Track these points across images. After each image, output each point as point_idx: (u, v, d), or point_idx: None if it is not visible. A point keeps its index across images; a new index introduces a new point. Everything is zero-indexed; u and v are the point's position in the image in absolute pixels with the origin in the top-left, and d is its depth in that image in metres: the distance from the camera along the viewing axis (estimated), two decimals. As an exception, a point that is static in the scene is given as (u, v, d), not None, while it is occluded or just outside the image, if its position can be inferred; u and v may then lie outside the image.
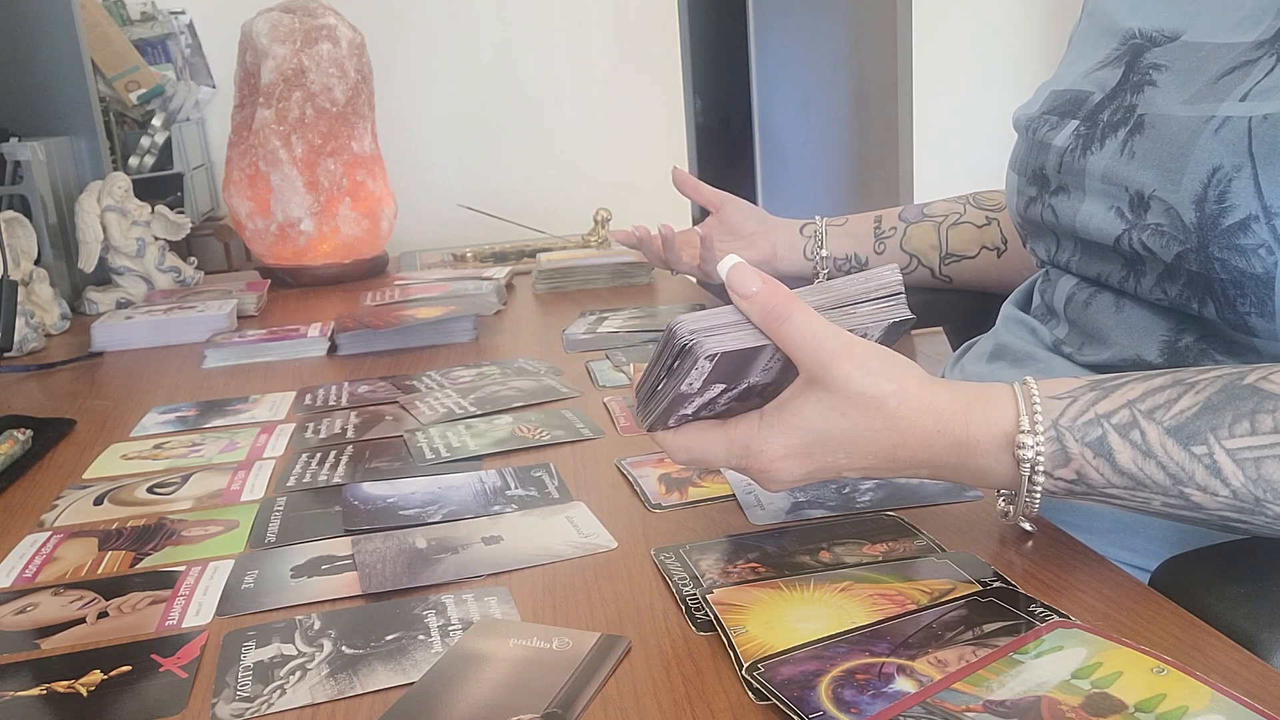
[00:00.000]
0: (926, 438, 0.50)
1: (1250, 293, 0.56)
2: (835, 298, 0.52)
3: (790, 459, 0.51)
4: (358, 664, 0.48)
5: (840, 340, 0.50)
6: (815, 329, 0.49)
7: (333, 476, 0.72)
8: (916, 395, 0.50)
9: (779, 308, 0.49)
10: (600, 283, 1.34)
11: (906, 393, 0.50)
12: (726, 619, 0.49)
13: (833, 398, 0.50)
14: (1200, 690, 0.41)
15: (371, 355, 1.06)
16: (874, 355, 0.50)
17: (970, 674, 0.43)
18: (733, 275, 0.50)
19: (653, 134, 2.85)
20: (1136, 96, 0.64)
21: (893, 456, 0.51)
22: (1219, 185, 0.56)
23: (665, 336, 0.49)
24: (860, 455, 0.51)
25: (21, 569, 0.61)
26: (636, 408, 0.55)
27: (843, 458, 0.51)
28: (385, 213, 1.52)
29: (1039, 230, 0.75)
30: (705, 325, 0.49)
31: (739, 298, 0.50)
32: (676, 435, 0.54)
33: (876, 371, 0.50)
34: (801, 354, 0.49)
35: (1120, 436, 0.49)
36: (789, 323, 0.49)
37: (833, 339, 0.49)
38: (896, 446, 0.51)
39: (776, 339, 0.49)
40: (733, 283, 0.50)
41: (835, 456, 0.51)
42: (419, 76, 2.67)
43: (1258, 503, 0.47)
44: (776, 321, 0.49)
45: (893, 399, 0.50)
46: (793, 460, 0.51)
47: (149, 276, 1.36)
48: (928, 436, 0.50)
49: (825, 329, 0.49)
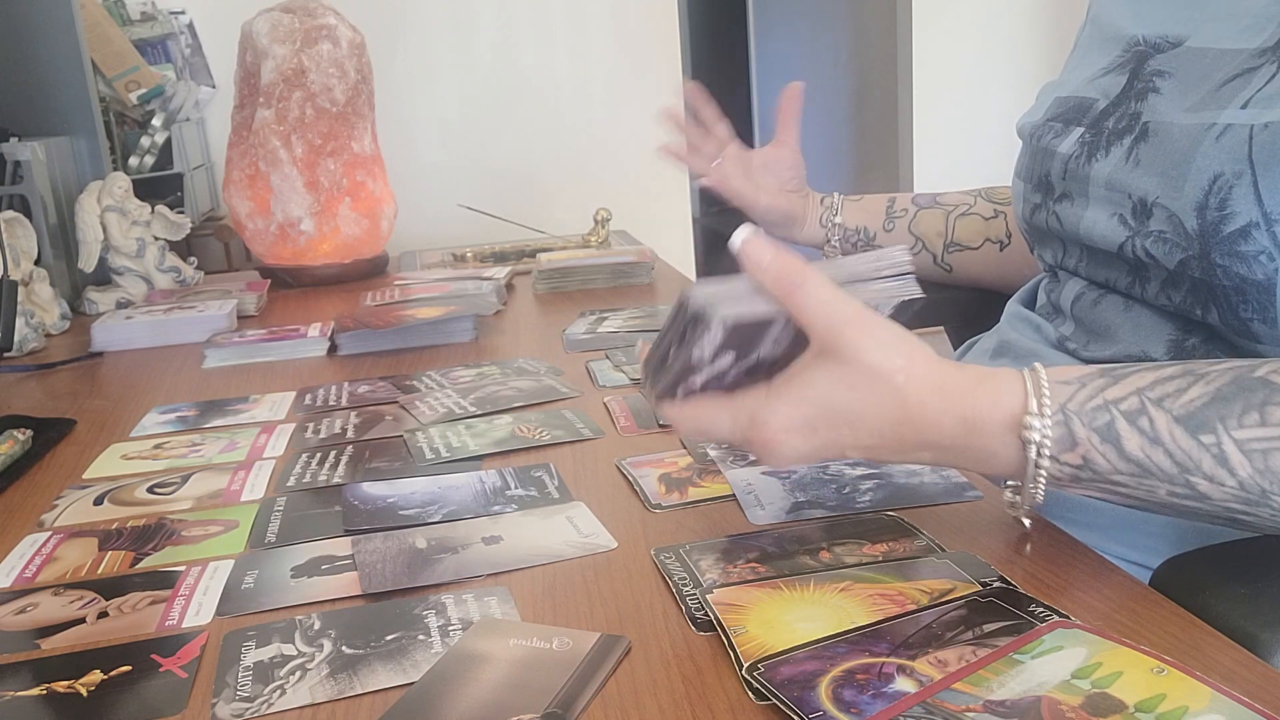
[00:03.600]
0: (933, 416, 0.50)
1: (1252, 299, 0.56)
2: (847, 273, 0.52)
3: (794, 432, 0.51)
4: (358, 664, 0.48)
5: (853, 309, 0.49)
6: (828, 297, 0.49)
7: (333, 476, 0.72)
8: (924, 373, 0.50)
9: (793, 274, 0.49)
10: (600, 283, 1.33)
11: (915, 369, 0.50)
12: (726, 619, 0.49)
13: (842, 369, 0.49)
14: (1200, 690, 0.41)
15: (371, 355, 1.06)
16: (886, 328, 0.50)
17: (970, 674, 0.43)
18: (746, 247, 0.50)
19: (653, 134, 2.85)
20: (1140, 104, 0.64)
21: (898, 435, 0.51)
22: (1220, 192, 0.56)
23: (677, 305, 0.49)
24: (865, 432, 0.51)
25: (21, 569, 0.61)
26: (644, 380, 0.55)
27: (847, 434, 0.51)
28: (385, 213, 1.52)
29: (1045, 236, 0.75)
30: (719, 294, 0.49)
31: (753, 267, 0.50)
32: (682, 407, 0.54)
33: (887, 345, 0.50)
34: (814, 320, 0.49)
35: (1128, 423, 0.49)
36: (802, 289, 0.49)
37: (846, 307, 0.49)
38: (901, 424, 0.50)
39: (790, 306, 0.49)
40: (747, 254, 0.50)
41: (840, 432, 0.51)
42: (419, 76, 2.67)
43: (1264, 494, 0.47)
44: (790, 288, 0.49)
45: (901, 374, 0.49)
46: (796, 434, 0.51)
47: (149, 276, 1.36)
48: (934, 415, 0.50)
49: (839, 297, 0.50)
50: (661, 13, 2.79)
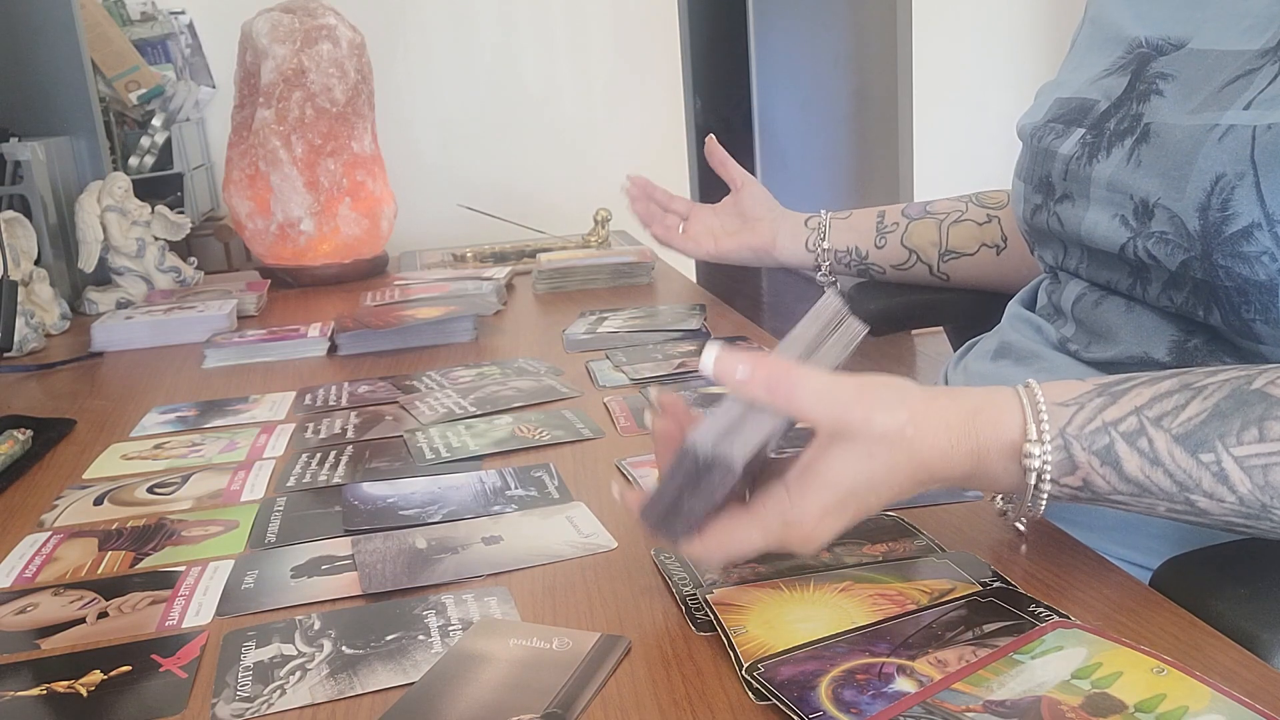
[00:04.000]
0: (944, 454, 0.50)
1: (1255, 300, 0.56)
2: (804, 346, 0.52)
3: (829, 516, 0.50)
4: (358, 664, 0.48)
5: (848, 388, 0.49)
6: (823, 389, 0.49)
7: (333, 476, 0.72)
8: (926, 415, 0.50)
9: (782, 382, 0.48)
10: (600, 283, 1.33)
11: (917, 414, 0.50)
12: (726, 619, 0.49)
13: (858, 446, 0.49)
14: (1200, 690, 0.41)
15: (371, 355, 1.06)
16: (879, 388, 0.50)
17: (970, 674, 0.43)
18: (717, 371, 0.49)
19: (653, 134, 2.85)
20: (1143, 105, 0.64)
21: (915, 481, 0.50)
22: (1222, 193, 0.56)
23: (682, 455, 0.48)
24: (887, 491, 0.50)
25: (21, 569, 0.61)
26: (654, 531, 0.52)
27: (873, 499, 0.50)
28: (385, 213, 1.52)
29: (1046, 238, 0.75)
30: (721, 430, 0.48)
31: (735, 385, 0.49)
32: (705, 540, 0.51)
33: (889, 404, 0.49)
34: (819, 416, 0.49)
35: (1128, 445, 0.49)
36: (798, 390, 0.48)
37: (841, 390, 0.49)
38: (919, 470, 0.50)
39: (791, 411, 0.49)
40: (721, 375, 0.49)
41: (866, 501, 0.50)
42: (419, 76, 2.67)
43: (1264, 509, 0.47)
44: (786, 395, 0.48)
45: (910, 427, 0.49)
46: (830, 518, 0.50)
47: (149, 276, 1.36)
48: (944, 452, 0.50)
49: (831, 384, 0.49)
50: (661, 13, 2.79)
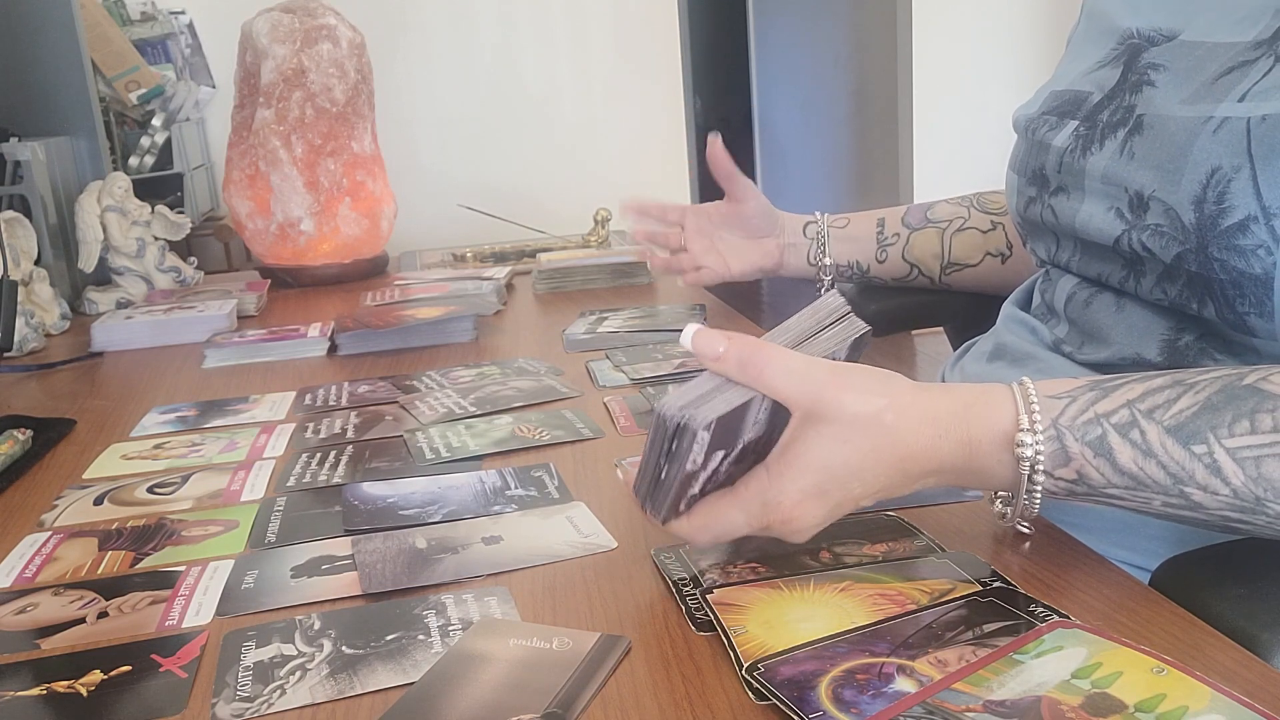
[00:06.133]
0: (929, 445, 0.50)
1: (1249, 293, 0.56)
2: (794, 334, 0.53)
3: (807, 501, 0.50)
4: (358, 664, 0.48)
5: (823, 369, 0.50)
6: (796, 367, 0.49)
7: (333, 476, 0.72)
8: (910, 405, 0.50)
9: (754, 358, 0.49)
10: (600, 283, 1.34)
11: (900, 403, 0.50)
12: (726, 619, 0.49)
13: (832, 427, 0.49)
14: (1200, 690, 0.41)
15: (371, 355, 1.06)
16: (859, 374, 0.50)
17: (970, 674, 0.43)
18: (697, 344, 0.50)
19: (653, 134, 2.85)
20: (1135, 96, 0.64)
21: (903, 471, 0.51)
22: (1218, 186, 0.56)
23: (655, 424, 0.49)
24: (872, 479, 0.50)
25: (21, 569, 0.61)
26: (642, 505, 0.54)
27: (857, 487, 0.50)
28: (385, 213, 1.52)
29: (1039, 230, 0.75)
30: (690, 399, 0.49)
31: (711, 361, 0.50)
32: (690, 519, 0.53)
33: (866, 389, 0.50)
34: (790, 394, 0.49)
35: (1120, 436, 0.49)
36: (769, 368, 0.49)
37: (816, 370, 0.50)
38: (903, 459, 0.50)
39: (761, 388, 0.50)
40: (700, 350, 0.50)
41: (849, 487, 0.50)
42: (419, 76, 2.67)
43: (1258, 501, 0.47)
44: (756, 371, 0.49)
45: (889, 413, 0.49)
46: (810, 503, 0.50)
47: (149, 276, 1.36)
48: (930, 444, 0.50)
49: (805, 363, 0.50)
50: (661, 13, 2.79)
